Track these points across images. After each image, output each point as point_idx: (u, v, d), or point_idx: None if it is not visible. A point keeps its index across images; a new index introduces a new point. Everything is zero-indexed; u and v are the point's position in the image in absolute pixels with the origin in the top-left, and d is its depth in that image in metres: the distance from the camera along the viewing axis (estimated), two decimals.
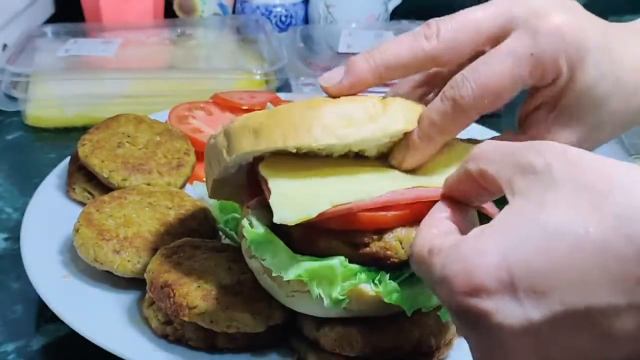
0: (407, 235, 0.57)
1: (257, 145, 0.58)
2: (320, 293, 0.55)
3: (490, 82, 0.58)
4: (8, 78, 1.09)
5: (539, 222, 0.42)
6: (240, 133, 0.59)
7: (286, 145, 0.58)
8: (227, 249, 0.68)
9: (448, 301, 0.44)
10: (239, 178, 0.65)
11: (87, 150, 0.82)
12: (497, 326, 0.42)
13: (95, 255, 0.69)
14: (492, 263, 0.42)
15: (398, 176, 0.60)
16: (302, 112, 0.58)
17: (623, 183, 0.41)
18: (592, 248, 0.40)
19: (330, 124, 0.58)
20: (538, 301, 0.41)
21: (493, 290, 0.41)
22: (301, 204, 0.55)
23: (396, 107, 0.60)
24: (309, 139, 0.57)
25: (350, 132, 0.58)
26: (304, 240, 0.58)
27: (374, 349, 0.59)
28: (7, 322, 0.73)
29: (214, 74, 1.16)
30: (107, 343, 0.62)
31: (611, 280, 0.39)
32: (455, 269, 0.43)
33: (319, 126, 0.57)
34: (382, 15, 1.43)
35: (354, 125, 0.58)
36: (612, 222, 0.40)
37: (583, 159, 0.44)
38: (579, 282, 0.40)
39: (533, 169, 0.44)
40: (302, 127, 0.57)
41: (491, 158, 0.48)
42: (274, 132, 0.58)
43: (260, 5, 1.42)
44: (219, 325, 0.61)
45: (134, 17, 1.37)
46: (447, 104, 0.59)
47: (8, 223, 0.88)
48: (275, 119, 0.58)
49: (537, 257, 0.41)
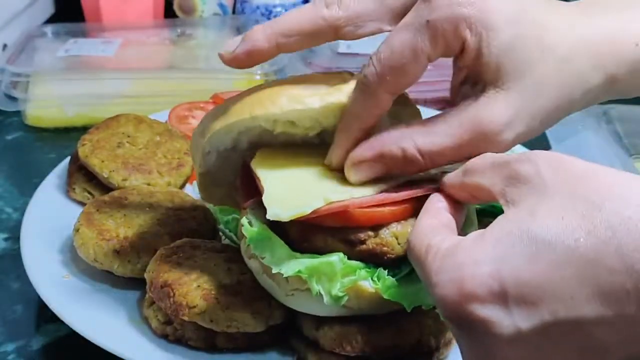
0: (403, 230, 0.57)
1: (227, 120, 0.60)
2: (320, 290, 0.55)
3: (391, 57, 0.54)
4: (8, 78, 1.09)
5: (530, 233, 0.42)
6: (212, 115, 0.61)
7: (253, 116, 0.59)
8: (227, 249, 0.68)
9: (440, 305, 0.45)
10: (227, 176, 0.65)
11: (87, 150, 0.82)
12: (487, 334, 0.43)
13: (95, 255, 0.69)
14: (485, 272, 0.43)
15: None
16: (269, 87, 0.60)
17: (616, 193, 0.41)
18: (582, 260, 0.40)
19: (296, 94, 0.59)
20: (528, 311, 0.41)
21: (484, 299, 0.42)
22: (295, 201, 0.56)
23: None
24: (274, 109, 0.58)
25: (316, 100, 0.58)
26: (301, 238, 0.58)
27: (373, 348, 0.59)
28: (7, 322, 0.73)
29: (214, 74, 1.16)
30: (107, 343, 0.62)
31: (601, 293, 0.40)
32: (449, 276, 0.44)
33: (285, 96, 0.58)
34: None
35: (320, 95, 0.58)
36: (603, 233, 0.40)
37: (576, 167, 0.44)
38: (568, 294, 0.41)
39: (525, 178, 0.45)
40: (268, 99, 0.59)
41: (485, 171, 0.49)
42: (242, 106, 0.59)
43: (260, 5, 1.42)
44: (218, 325, 0.61)
45: (134, 17, 1.37)
46: (356, 89, 0.57)
47: (8, 223, 0.88)
48: (243, 97, 0.60)
49: (527, 268, 0.42)
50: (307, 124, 0.61)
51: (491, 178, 0.48)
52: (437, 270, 0.45)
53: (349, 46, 1.24)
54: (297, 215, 0.55)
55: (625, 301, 0.39)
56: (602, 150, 0.93)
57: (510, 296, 0.42)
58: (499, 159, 0.48)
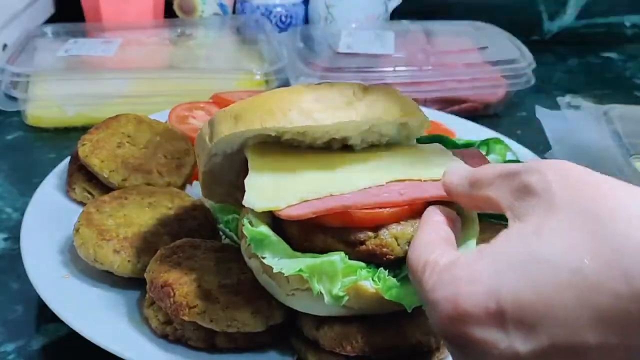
0: (403, 231, 0.57)
1: (236, 128, 0.60)
2: (320, 289, 0.55)
3: None
4: (8, 78, 1.10)
5: (533, 252, 0.40)
6: (222, 119, 0.61)
7: (263, 127, 0.59)
8: (227, 249, 0.68)
9: (435, 323, 0.44)
10: (230, 175, 0.66)
11: (87, 150, 0.82)
12: (484, 355, 0.41)
13: (95, 255, 0.69)
14: (482, 291, 0.41)
15: (379, 169, 0.61)
16: (281, 96, 0.59)
17: (627, 211, 0.39)
18: (585, 284, 0.38)
19: (308, 108, 0.58)
20: (526, 334, 0.40)
21: (480, 319, 0.41)
22: (273, 194, 0.57)
23: (376, 95, 0.60)
24: (285, 122, 0.58)
25: (327, 116, 0.58)
26: (301, 238, 0.58)
27: (373, 348, 0.59)
28: (7, 322, 0.73)
29: (214, 74, 1.16)
30: (107, 343, 0.62)
31: (603, 319, 0.38)
32: (445, 293, 0.43)
33: (296, 109, 0.58)
34: (382, 15, 1.43)
35: (331, 110, 0.58)
36: (609, 255, 0.38)
37: (587, 179, 0.42)
38: (569, 319, 0.38)
39: (534, 191, 0.43)
40: (280, 111, 0.58)
41: (492, 182, 0.48)
42: (253, 115, 0.59)
43: (260, 5, 1.42)
44: (219, 324, 0.61)
45: (134, 17, 1.37)
46: None
47: (8, 223, 0.88)
48: (254, 104, 0.60)
49: (527, 289, 0.40)
50: (316, 136, 0.61)
51: (499, 190, 0.46)
52: (432, 286, 0.44)
53: (349, 46, 1.24)
54: (270, 209, 0.56)
55: (629, 328, 0.37)
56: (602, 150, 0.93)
57: (508, 317, 0.40)
58: (508, 169, 0.47)
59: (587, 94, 1.25)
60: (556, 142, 0.94)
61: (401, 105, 0.61)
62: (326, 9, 1.40)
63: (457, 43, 1.29)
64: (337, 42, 1.25)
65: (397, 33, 1.30)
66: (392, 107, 0.61)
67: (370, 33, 1.30)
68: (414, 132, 0.66)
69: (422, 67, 1.17)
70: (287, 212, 0.56)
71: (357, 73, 1.14)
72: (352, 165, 0.61)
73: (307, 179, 0.59)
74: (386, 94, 0.61)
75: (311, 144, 0.62)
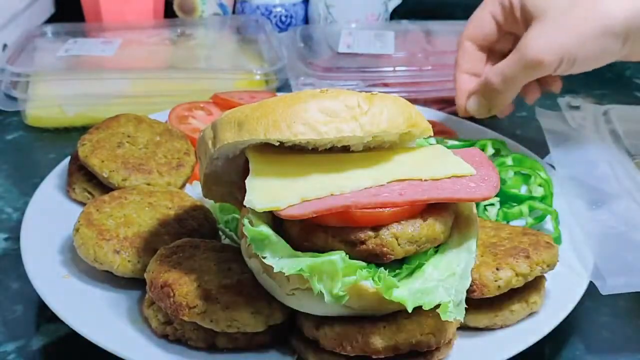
0: (403, 231, 0.57)
1: (240, 136, 0.59)
2: (321, 289, 0.55)
3: None
4: (8, 78, 1.10)
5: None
6: (226, 125, 0.61)
7: (267, 138, 0.59)
8: (227, 249, 0.68)
9: None
10: (231, 175, 0.66)
11: (87, 150, 0.82)
12: None
13: (95, 255, 0.69)
14: None
15: (379, 169, 0.61)
16: (286, 106, 0.59)
17: None
18: None
19: (312, 120, 0.58)
20: None
21: None
22: (274, 194, 0.57)
23: (380, 107, 0.60)
24: (289, 134, 0.58)
25: (331, 129, 0.58)
26: (301, 237, 0.58)
27: (373, 348, 0.59)
28: (7, 322, 0.73)
29: (214, 74, 1.16)
30: (107, 343, 0.62)
31: None
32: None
33: (300, 122, 0.58)
34: (382, 15, 1.43)
35: (335, 122, 0.58)
36: None
37: None
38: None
39: None
40: (284, 122, 0.58)
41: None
42: (257, 125, 0.59)
43: (260, 5, 1.42)
44: (219, 325, 0.61)
45: (134, 17, 1.37)
46: None
47: (8, 223, 0.88)
48: (259, 112, 0.59)
49: None
50: (319, 144, 0.61)
51: None
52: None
53: (349, 46, 1.24)
54: (271, 209, 0.56)
55: None
56: (602, 150, 0.93)
57: None
58: None
59: (587, 94, 1.25)
60: (555, 142, 0.94)
61: (405, 116, 0.61)
62: (326, 8, 1.40)
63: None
64: (337, 42, 1.25)
65: (397, 33, 1.30)
66: (396, 119, 0.60)
67: (370, 33, 1.30)
68: (415, 137, 0.66)
69: (422, 67, 1.17)
70: (288, 212, 0.56)
71: (357, 73, 1.15)
72: (353, 165, 0.61)
73: (307, 179, 0.59)
74: (391, 105, 0.60)
75: (313, 149, 0.62)
